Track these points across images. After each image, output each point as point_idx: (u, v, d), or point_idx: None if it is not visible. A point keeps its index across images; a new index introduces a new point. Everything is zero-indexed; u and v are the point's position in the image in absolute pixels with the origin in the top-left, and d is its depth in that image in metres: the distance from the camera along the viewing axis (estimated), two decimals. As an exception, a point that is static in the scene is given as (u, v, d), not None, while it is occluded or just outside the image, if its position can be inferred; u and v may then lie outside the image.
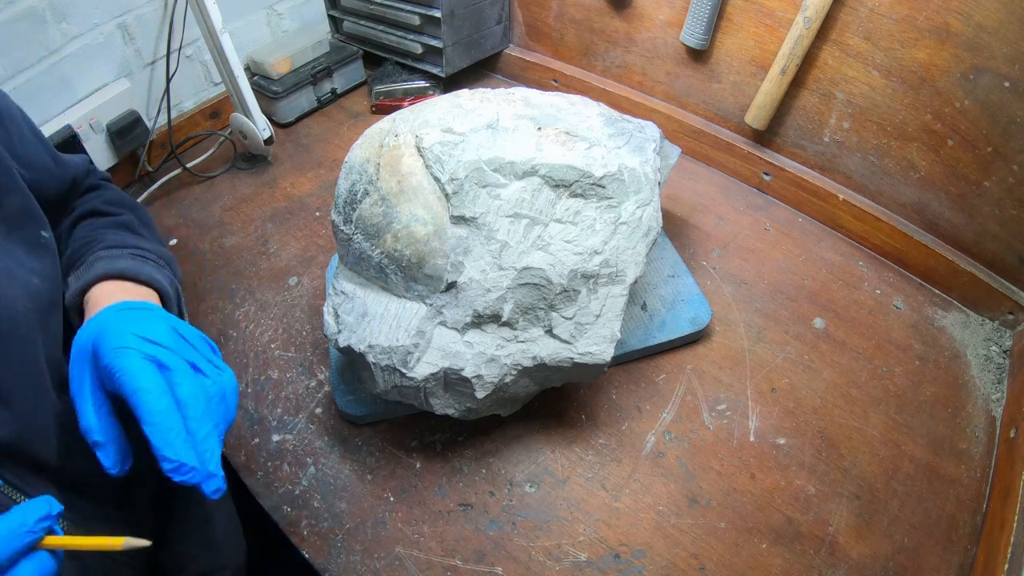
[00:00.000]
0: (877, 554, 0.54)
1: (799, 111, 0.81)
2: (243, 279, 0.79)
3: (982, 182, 0.68)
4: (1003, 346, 0.70)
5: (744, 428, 0.63)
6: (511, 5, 1.07)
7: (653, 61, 0.93)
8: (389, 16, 1.05)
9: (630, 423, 0.63)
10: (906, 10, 0.66)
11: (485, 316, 0.54)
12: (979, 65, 0.63)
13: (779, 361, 0.68)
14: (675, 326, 0.68)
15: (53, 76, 0.80)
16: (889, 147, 0.75)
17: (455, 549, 0.55)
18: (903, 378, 0.67)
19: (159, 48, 0.92)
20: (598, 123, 0.61)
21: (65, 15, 0.79)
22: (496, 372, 0.54)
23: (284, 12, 1.09)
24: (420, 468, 0.60)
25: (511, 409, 0.59)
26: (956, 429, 0.63)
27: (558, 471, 0.60)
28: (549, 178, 0.55)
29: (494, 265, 0.53)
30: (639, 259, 0.56)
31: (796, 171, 0.85)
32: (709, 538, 0.55)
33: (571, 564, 0.54)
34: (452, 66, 1.05)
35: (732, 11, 0.80)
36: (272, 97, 1.02)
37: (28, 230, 0.44)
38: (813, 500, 0.57)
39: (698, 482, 0.59)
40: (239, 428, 0.64)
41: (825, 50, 0.74)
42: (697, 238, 0.82)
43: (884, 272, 0.79)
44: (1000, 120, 0.64)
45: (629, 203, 0.56)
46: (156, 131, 0.94)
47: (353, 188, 0.57)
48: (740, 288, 0.76)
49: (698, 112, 0.93)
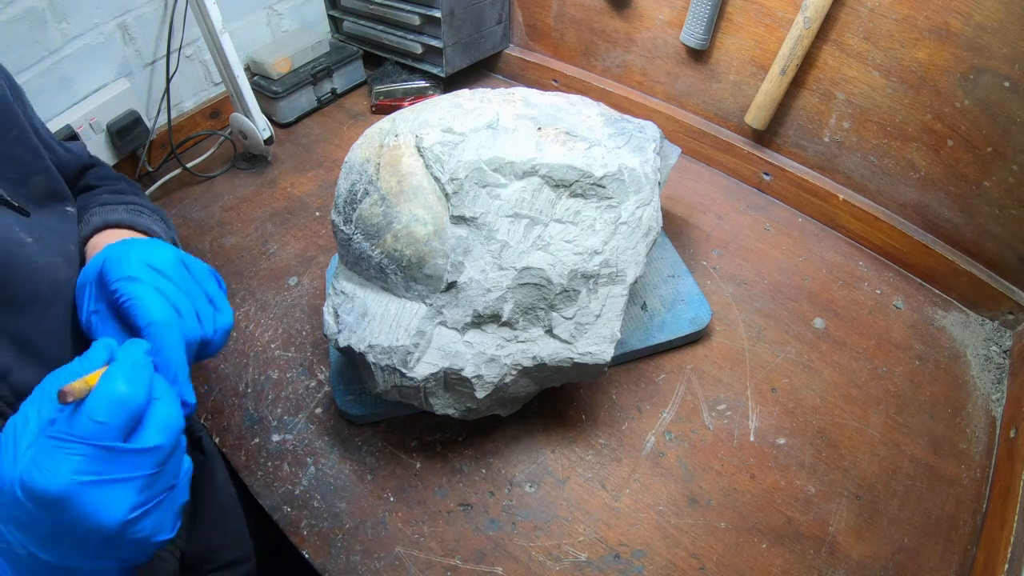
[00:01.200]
0: (877, 554, 0.54)
1: (799, 111, 0.81)
2: (243, 279, 0.80)
3: (982, 182, 0.68)
4: (1003, 346, 0.70)
5: (744, 428, 0.63)
6: (511, 5, 1.07)
7: (653, 61, 0.93)
8: (389, 16, 1.05)
9: (630, 423, 0.63)
10: (906, 10, 0.66)
11: (485, 316, 0.54)
12: (979, 65, 0.63)
13: (779, 361, 0.68)
14: (675, 326, 0.68)
15: (53, 76, 0.80)
16: (889, 147, 0.75)
17: (455, 549, 0.55)
18: (903, 378, 0.67)
19: (159, 48, 0.92)
20: (598, 123, 0.61)
21: (65, 15, 0.79)
22: (496, 372, 0.54)
23: (284, 12, 1.09)
24: (420, 468, 0.60)
25: (511, 409, 0.59)
26: (956, 429, 0.63)
27: (558, 471, 0.60)
28: (549, 178, 0.55)
29: (494, 265, 0.53)
30: (639, 259, 0.56)
31: (796, 171, 0.85)
32: (709, 538, 0.55)
33: (571, 564, 0.54)
34: (452, 66, 1.05)
35: (732, 11, 0.80)
36: (272, 97, 1.02)
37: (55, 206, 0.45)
38: (813, 500, 0.57)
39: (698, 482, 0.59)
40: (239, 428, 0.64)
41: (825, 50, 0.74)
42: (697, 238, 0.82)
43: (884, 272, 0.79)
44: (1000, 120, 0.64)
45: (629, 203, 0.56)
46: (156, 131, 0.94)
47: (353, 188, 0.57)
48: (740, 288, 0.76)
49: (698, 112, 0.93)
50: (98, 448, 0.30)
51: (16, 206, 0.41)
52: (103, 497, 0.30)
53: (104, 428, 0.30)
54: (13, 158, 0.43)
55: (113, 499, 0.30)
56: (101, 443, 0.30)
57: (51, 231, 0.43)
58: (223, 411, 0.66)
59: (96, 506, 0.30)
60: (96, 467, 0.30)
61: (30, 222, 0.42)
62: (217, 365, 0.69)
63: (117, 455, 0.30)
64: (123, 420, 0.31)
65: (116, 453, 0.30)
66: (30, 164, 0.44)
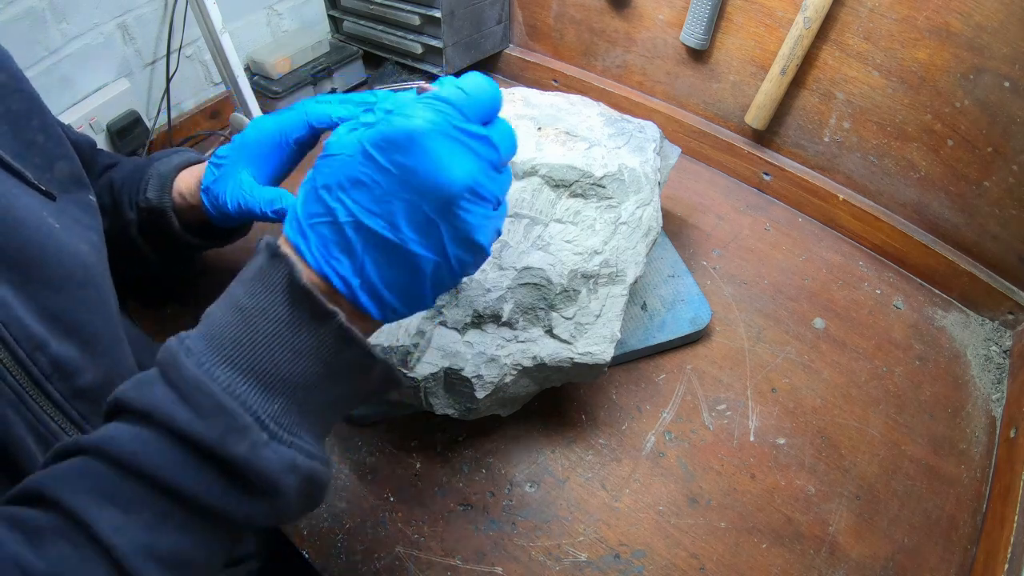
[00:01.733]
0: (877, 554, 0.54)
1: (799, 111, 0.81)
2: (243, 279, 0.79)
3: (982, 182, 0.68)
4: (1003, 346, 0.70)
5: (744, 428, 0.63)
6: (511, 5, 1.07)
7: (653, 61, 0.93)
8: (389, 16, 1.05)
9: (630, 423, 0.63)
10: (906, 10, 0.66)
11: (485, 316, 0.54)
12: (979, 65, 0.63)
13: (779, 361, 0.68)
14: (675, 326, 0.68)
15: (53, 76, 0.80)
16: (889, 147, 0.75)
17: (455, 549, 0.55)
18: (903, 378, 0.67)
19: (159, 48, 0.92)
20: (598, 123, 0.61)
21: (65, 15, 0.79)
22: (496, 372, 0.54)
23: (284, 12, 1.09)
24: (420, 468, 0.60)
25: (511, 409, 0.59)
26: (956, 429, 0.63)
27: (558, 471, 0.60)
28: (549, 178, 0.55)
29: (494, 265, 0.53)
30: (639, 259, 0.56)
31: (796, 171, 0.85)
32: (709, 538, 0.55)
33: (571, 564, 0.54)
34: (452, 66, 1.05)
35: (732, 11, 0.80)
36: (272, 97, 1.02)
37: (78, 194, 0.46)
38: (813, 500, 0.57)
39: (698, 482, 0.59)
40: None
41: (825, 50, 0.74)
42: (697, 238, 0.82)
43: (884, 272, 0.79)
44: (1000, 120, 0.64)
45: (629, 203, 0.56)
46: (156, 131, 0.94)
47: (353, 188, 0.57)
48: (740, 288, 0.76)
49: (698, 112, 0.93)
50: (461, 114, 0.30)
51: (43, 190, 0.41)
52: (453, 152, 0.30)
53: (469, 99, 0.31)
54: (37, 144, 0.44)
55: (460, 160, 0.30)
56: (464, 111, 0.31)
57: (75, 220, 0.43)
58: (223, 411, 0.66)
59: (447, 157, 0.29)
60: (453, 126, 0.30)
61: (56, 208, 0.42)
62: (217, 365, 0.69)
63: (472, 130, 0.31)
64: (485, 102, 0.32)
65: (471, 126, 0.31)
66: (54, 150, 0.45)
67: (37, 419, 0.35)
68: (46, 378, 0.35)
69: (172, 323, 0.73)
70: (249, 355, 0.28)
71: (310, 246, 0.30)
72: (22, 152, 0.42)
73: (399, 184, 0.29)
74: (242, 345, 0.28)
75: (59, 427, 0.36)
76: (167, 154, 0.62)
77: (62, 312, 0.37)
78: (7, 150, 0.40)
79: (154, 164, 0.60)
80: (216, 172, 0.56)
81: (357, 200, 0.30)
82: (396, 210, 0.30)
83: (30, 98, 0.44)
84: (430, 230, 0.30)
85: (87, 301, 0.39)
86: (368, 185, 0.30)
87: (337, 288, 0.30)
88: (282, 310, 0.29)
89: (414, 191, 0.29)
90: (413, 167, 0.29)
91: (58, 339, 0.36)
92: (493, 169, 0.32)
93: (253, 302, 0.29)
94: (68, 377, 0.36)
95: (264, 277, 0.30)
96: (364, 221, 0.29)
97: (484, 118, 0.32)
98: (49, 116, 0.46)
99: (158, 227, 0.58)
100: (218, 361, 0.28)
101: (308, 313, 0.29)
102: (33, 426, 0.35)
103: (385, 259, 0.30)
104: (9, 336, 0.33)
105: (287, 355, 0.28)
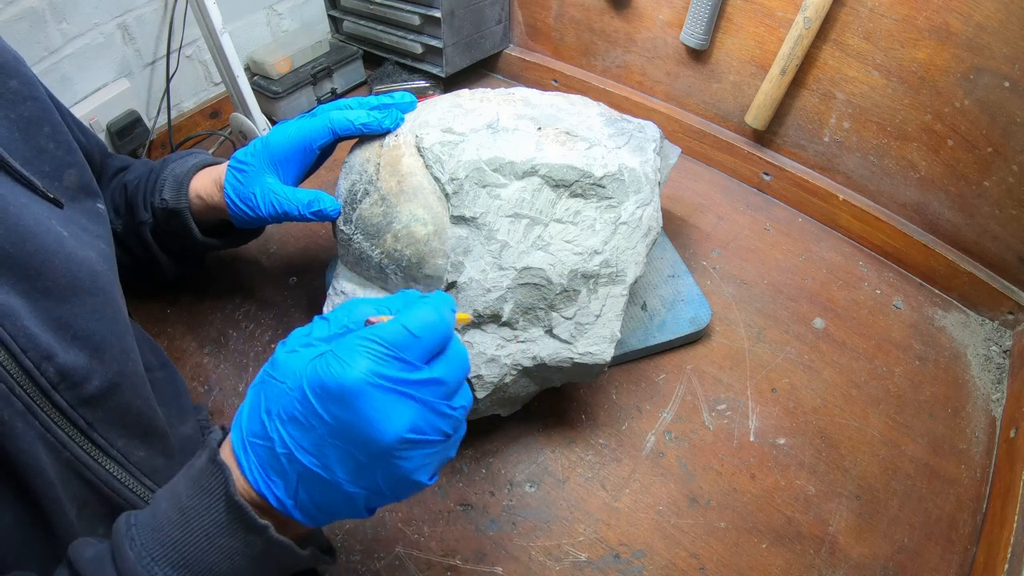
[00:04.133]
0: (877, 554, 0.54)
1: (799, 111, 0.81)
2: (243, 278, 0.79)
3: (982, 182, 0.68)
4: (1003, 346, 0.70)
5: (744, 428, 0.63)
6: (511, 5, 1.07)
7: (653, 61, 0.93)
8: (389, 16, 1.05)
9: (630, 423, 0.63)
10: (906, 10, 0.66)
11: (485, 316, 0.54)
12: (979, 65, 0.63)
13: (779, 361, 0.68)
14: (675, 326, 0.68)
15: (53, 76, 0.80)
16: (889, 147, 0.75)
17: (455, 549, 0.55)
18: (903, 378, 0.67)
19: (159, 48, 0.92)
20: (598, 123, 0.61)
21: (65, 15, 0.79)
22: (496, 372, 0.54)
23: (284, 12, 1.09)
24: (420, 468, 0.60)
25: (511, 409, 0.59)
26: (956, 429, 0.63)
27: (558, 471, 0.60)
28: (549, 178, 0.55)
29: (494, 265, 0.53)
30: (639, 259, 0.56)
31: (796, 171, 0.85)
32: (709, 538, 0.55)
33: (571, 564, 0.54)
34: (452, 66, 1.05)
35: (732, 11, 0.80)
36: (272, 97, 1.02)
37: (87, 203, 0.46)
38: (813, 500, 0.57)
39: (698, 482, 0.59)
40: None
41: (825, 50, 0.74)
42: (697, 238, 0.82)
43: (884, 272, 0.79)
44: (1000, 120, 0.64)
45: (629, 203, 0.56)
46: (156, 131, 0.94)
47: (353, 188, 0.57)
48: (740, 288, 0.76)
49: (698, 112, 0.93)
50: (401, 361, 0.30)
51: (51, 197, 0.42)
52: (389, 406, 0.30)
53: (414, 341, 0.31)
54: (47, 151, 0.44)
55: (397, 412, 0.30)
56: (404, 356, 0.31)
57: (83, 228, 0.44)
58: (223, 411, 0.65)
59: (380, 412, 0.30)
60: (392, 374, 0.30)
61: (64, 215, 0.42)
62: (217, 365, 0.69)
63: (414, 371, 0.31)
64: (432, 342, 0.32)
65: (413, 369, 0.31)
66: (64, 158, 0.45)
67: (46, 429, 0.35)
68: (53, 387, 0.35)
69: (172, 323, 0.73)
70: (185, 554, 0.31)
71: (249, 464, 0.32)
72: (32, 159, 0.42)
73: (332, 433, 0.30)
74: (179, 546, 0.31)
75: (68, 436, 0.36)
76: (181, 156, 0.63)
77: (70, 320, 0.37)
78: (17, 156, 0.41)
79: (169, 166, 0.61)
80: (240, 176, 0.57)
81: (293, 435, 0.31)
82: (330, 454, 0.31)
83: (43, 105, 0.45)
84: (365, 474, 0.31)
85: (96, 309, 0.40)
86: (304, 425, 0.30)
87: (272, 505, 0.32)
88: (218, 516, 0.31)
89: (348, 441, 0.30)
90: (346, 420, 0.30)
91: (65, 348, 0.36)
92: (438, 409, 0.32)
93: (192, 503, 0.32)
94: (75, 386, 0.36)
95: (204, 480, 0.32)
96: (298, 457, 0.31)
97: (432, 352, 0.32)
98: (60, 124, 0.46)
99: (173, 228, 0.60)
100: (159, 557, 0.31)
101: (240, 524, 0.31)
102: (43, 436, 0.35)
103: (319, 489, 0.32)
104: (16, 347, 0.34)
105: (221, 556, 0.31)
